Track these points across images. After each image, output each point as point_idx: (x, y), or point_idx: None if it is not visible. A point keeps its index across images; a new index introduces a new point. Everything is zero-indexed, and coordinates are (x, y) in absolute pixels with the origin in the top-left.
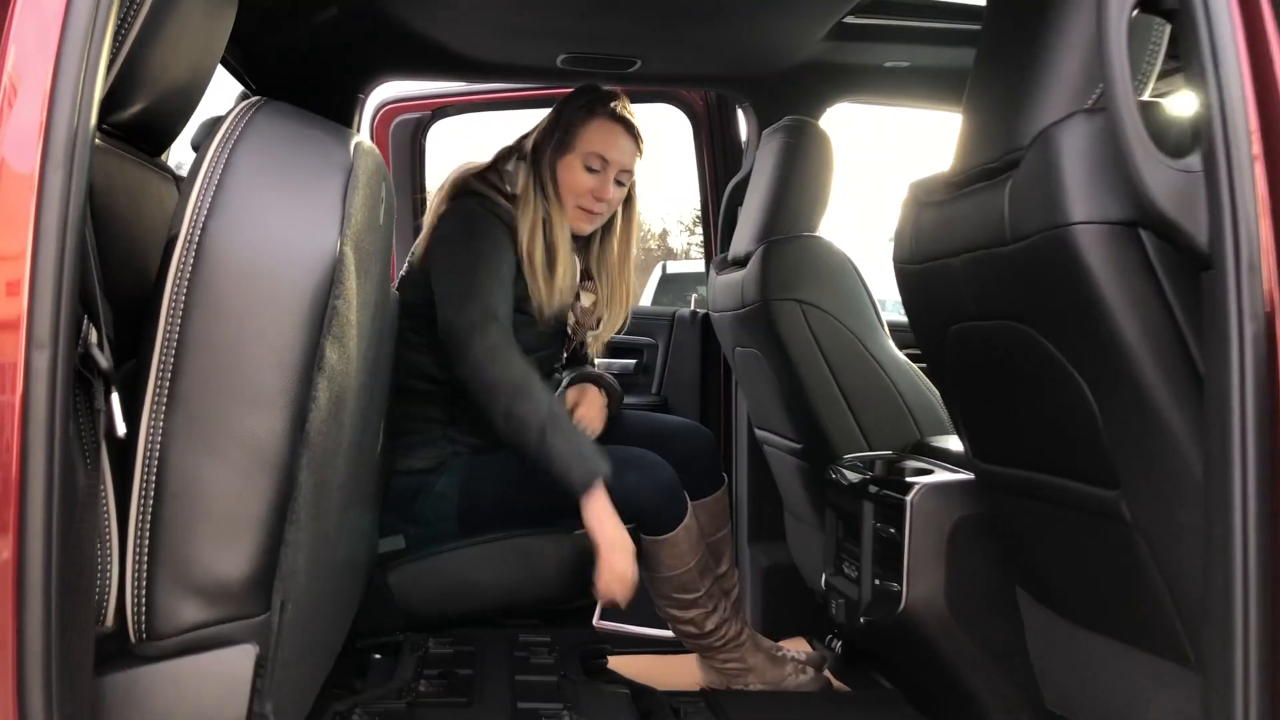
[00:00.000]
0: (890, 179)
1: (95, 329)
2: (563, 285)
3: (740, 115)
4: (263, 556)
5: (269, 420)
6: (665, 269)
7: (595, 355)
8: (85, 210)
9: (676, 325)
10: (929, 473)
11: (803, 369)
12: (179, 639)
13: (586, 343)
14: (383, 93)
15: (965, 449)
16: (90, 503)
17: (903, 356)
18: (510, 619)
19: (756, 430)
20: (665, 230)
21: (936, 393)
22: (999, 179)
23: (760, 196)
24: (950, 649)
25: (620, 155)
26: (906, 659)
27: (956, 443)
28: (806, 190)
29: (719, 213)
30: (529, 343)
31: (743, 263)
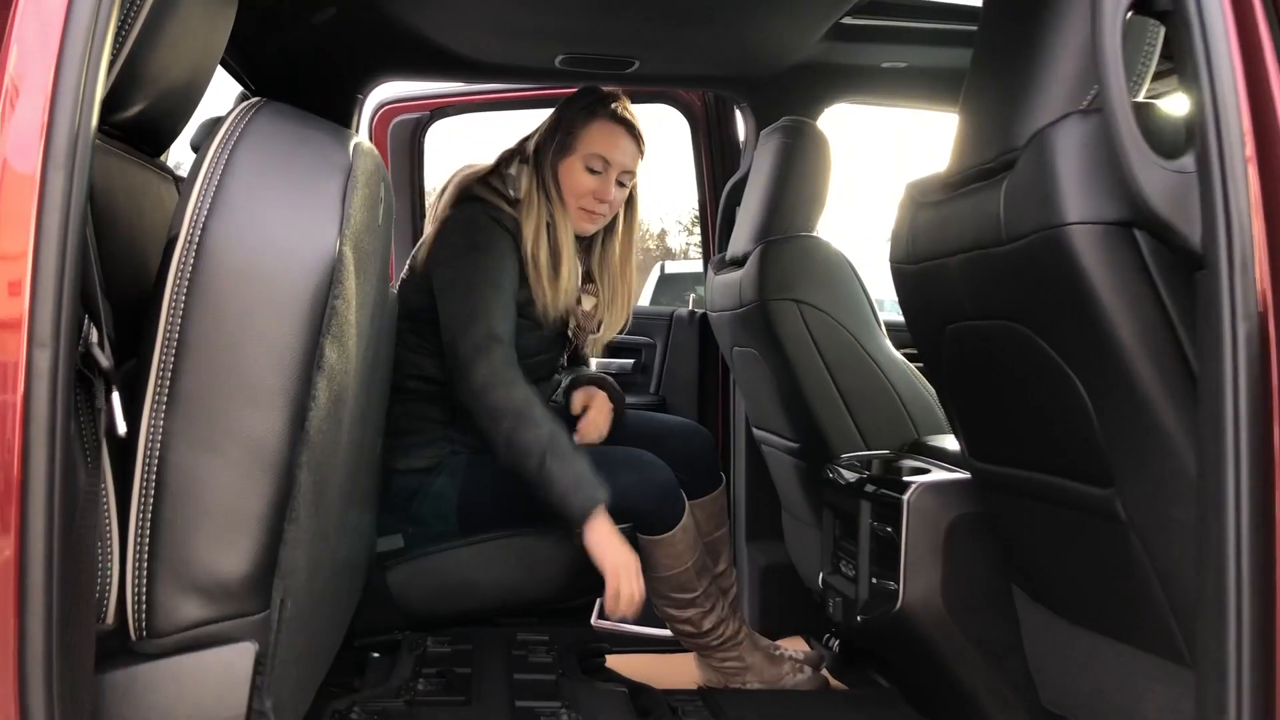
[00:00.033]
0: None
1: (96, 328)
2: (567, 286)
3: (738, 115)
4: (262, 554)
5: (269, 419)
6: (663, 269)
7: (595, 355)
8: (86, 210)
9: (675, 325)
10: (926, 472)
11: (800, 369)
12: (179, 636)
13: (585, 344)
14: (381, 93)
15: (961, 448)
16: (91, 501)
17: (900, 356)
18: (508, 618)
19: (754, 430)
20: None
21: (933, 392)
22: (995, 179)
23: (758, 197)
24: (947, 647)
25: (621, 156)
26: (903, 657)
27: (953, 442)
28: (804, 190)
29: (717, 213)
30: (530, 347)
31: (740, 263)
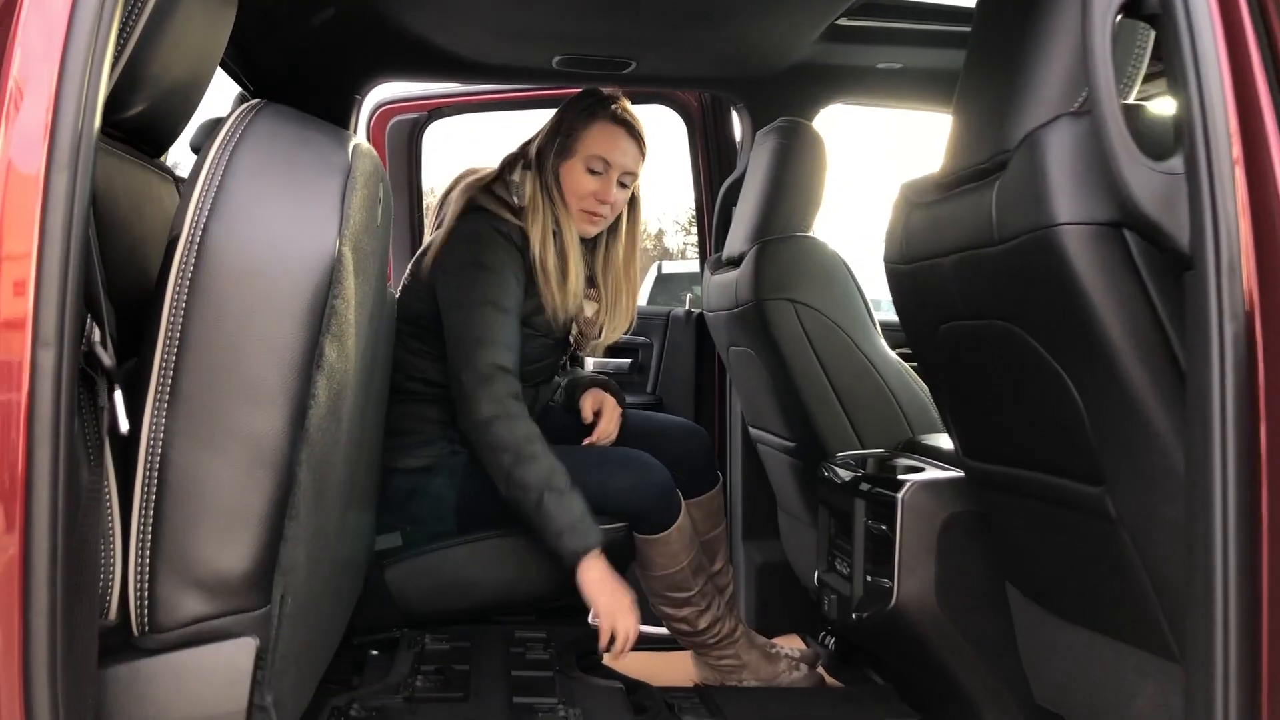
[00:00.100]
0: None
1: (98, 327)
2: (575, 289)
3: (734, 116)
4: (263, 551)
5: (269, 417)
6: (661, 269)
7: (594, 356)
8: (89, 211)
9: (671, 325)
10: (920, 470)
11: (796, 368)
12: (181, 632)
13: (586, 349)
14: (380, 93)
15: (955, 447)
16: (94, 499)
17: (895, 356)
18: (506, 615)
19: (750, 429)
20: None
21: (927, 391)
22: (987, 180)
23: (754, 197)
24: (941, 644)
25: (622, 157)
26: (898, 655)
27: (947, 441)
28: (799, 191)
29: (713, 213)
30: (532, 354)
31: (736, 263)
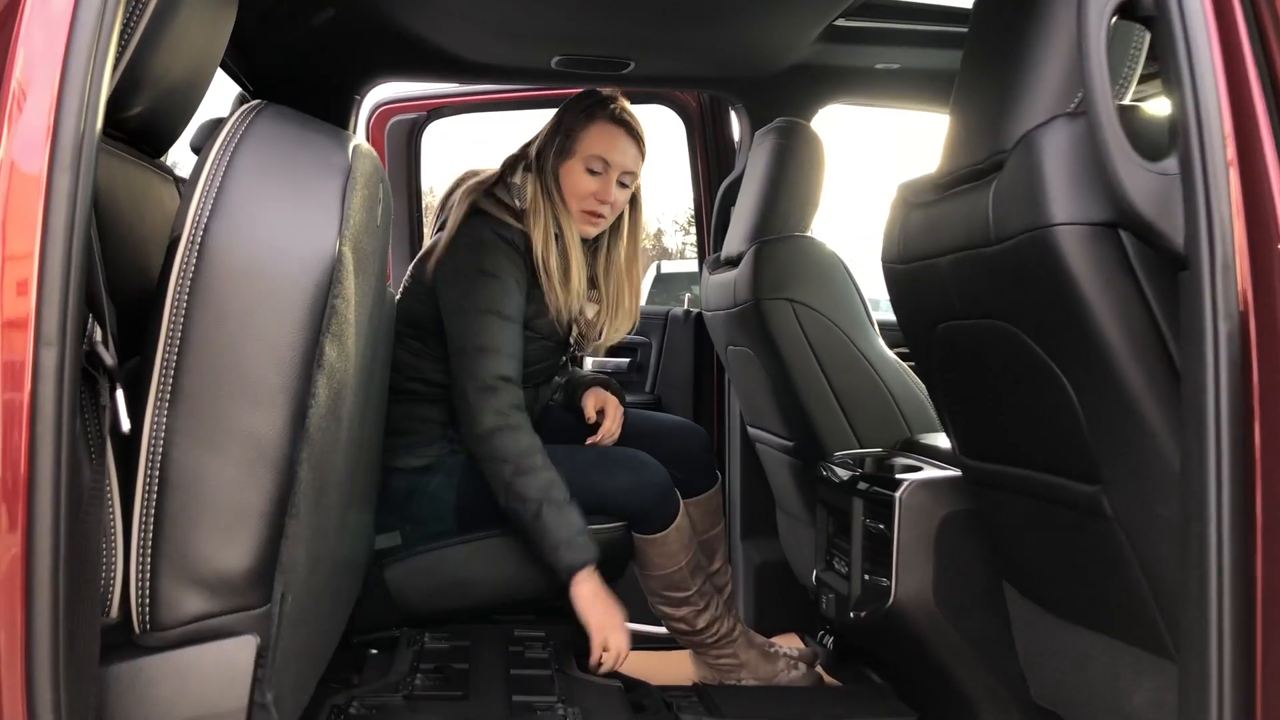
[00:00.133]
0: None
1: (100, 327)
2: (577, 290)
3: (733, 116)
4: (264, 549)
5: (270, 416)
6: (660, 268)
7: (594, 356)
8: (91, 211)
9: (670, 324)
10: (917, 470)
11: (794, 367)
12: (182, 630)
13: (586, 351)
14: (379, 93)
15: (953, 446)
16: (96, 497)
17: (893, 355)
18: (505, 614)
19: (749, 428)
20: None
21: (925, 391)
22: (984, 180)
23: (752, 197)
24: (938, 643)
25: (621, 157)
26: (896, 653)
27: (945, 440)
28: (798, 191)
29: (712, 213)
30: (532, 356)
31: (735, 262)
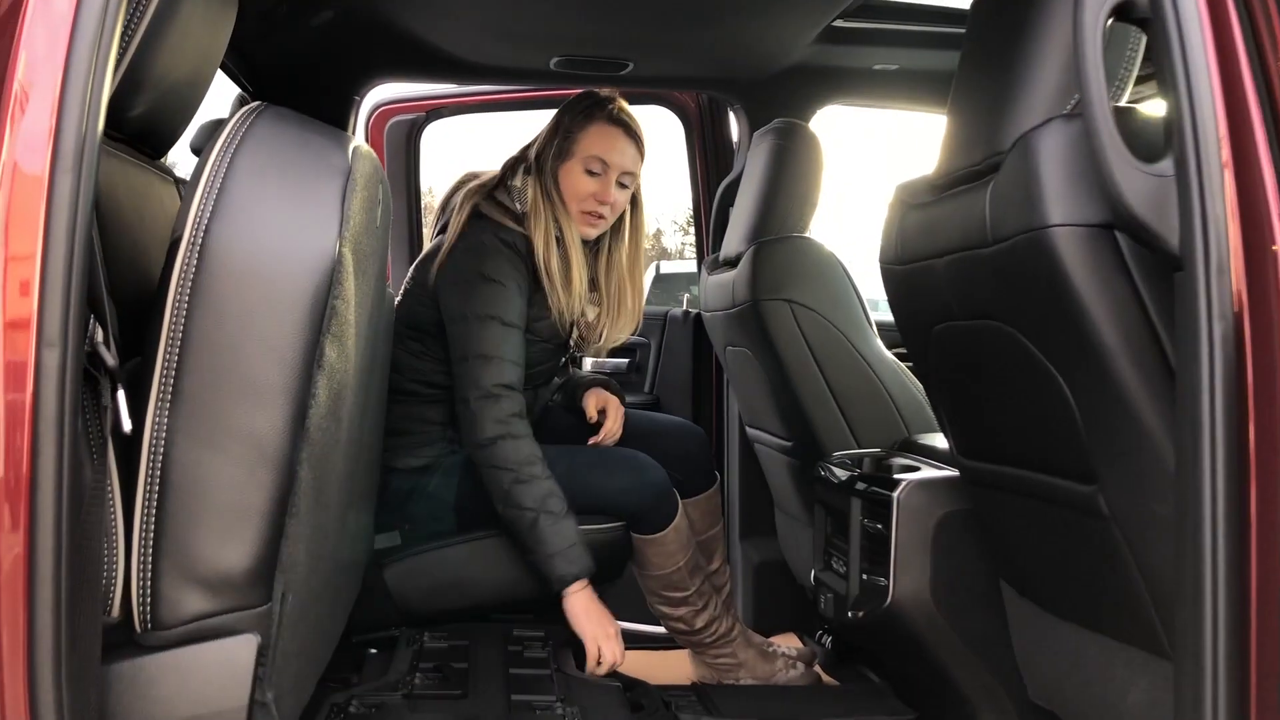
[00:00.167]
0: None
1: (101, 327)
2: (579, 291)
3: (731, 117)
4: (264, 549)
5: (270, 416)
6: (659, 269)
7: (594, 356)
8: (92, 212)
9: (669, 324)
10: (915, 470)
11: (792, 368)
12: (183, 629)
13: (586, 353)
14: (378, 94)
15: (950, 446)
16: (97, 497)
17: (891, 355)
18: (504, 613)
19: (747, 428)
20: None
21: (923, 391)
22: (981, 182)
23: (751, 197)
24: (936, 642)
25: (620, 158)
26: (894, 653)
27: (943, 440)
28: (796, 191)
29: (710, 213)
30: (533, 358)
31: (734, 263)
